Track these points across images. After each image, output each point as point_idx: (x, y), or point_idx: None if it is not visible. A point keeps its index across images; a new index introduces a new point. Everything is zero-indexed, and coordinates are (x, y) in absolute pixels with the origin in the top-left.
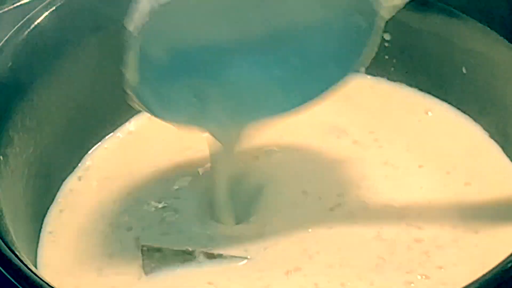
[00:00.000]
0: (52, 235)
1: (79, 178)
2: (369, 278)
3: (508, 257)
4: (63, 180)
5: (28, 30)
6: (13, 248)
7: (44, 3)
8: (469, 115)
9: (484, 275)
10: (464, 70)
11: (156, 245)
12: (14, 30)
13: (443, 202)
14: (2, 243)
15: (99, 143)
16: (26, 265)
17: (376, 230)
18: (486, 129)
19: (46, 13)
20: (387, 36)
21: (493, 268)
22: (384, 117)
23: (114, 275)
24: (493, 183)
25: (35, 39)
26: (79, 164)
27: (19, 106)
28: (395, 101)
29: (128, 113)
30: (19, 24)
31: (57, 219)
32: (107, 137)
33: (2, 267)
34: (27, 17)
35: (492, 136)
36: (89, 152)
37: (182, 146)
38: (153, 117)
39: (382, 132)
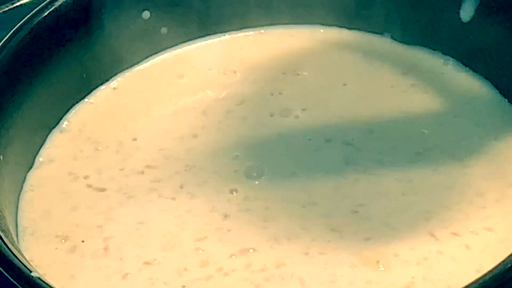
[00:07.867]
0: (31, 185)
1: (61, 131)
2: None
3: (508, 257)
4: (47, 134)
5: (28, 30)
6: (12, 249)
7: (44, 3)
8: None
9: (484, 275)
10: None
11: None
12: (14, 30)
13: (483, 158)
14: (2, 243)
15: (84, 98)
16: (25, 265)
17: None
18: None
19: (46, 13)
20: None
21: (493, 268)
22: (405, 65)
23: (86, 222)
24: None
25: (35, 39)
26: (63, 118)
27: (18, 106)
28: (412, 57)
29: (113, 69)
30: (19, 24)
31: (37, 170)
32: (92, 92)
33: (1, 267)
34: (27, 17)
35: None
36: (73, 106)
37: (166, 102)
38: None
39: (412, 77)
